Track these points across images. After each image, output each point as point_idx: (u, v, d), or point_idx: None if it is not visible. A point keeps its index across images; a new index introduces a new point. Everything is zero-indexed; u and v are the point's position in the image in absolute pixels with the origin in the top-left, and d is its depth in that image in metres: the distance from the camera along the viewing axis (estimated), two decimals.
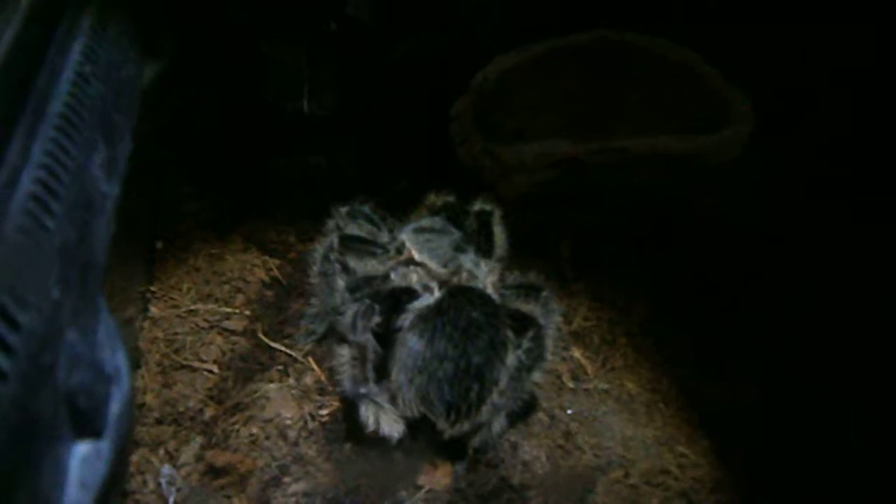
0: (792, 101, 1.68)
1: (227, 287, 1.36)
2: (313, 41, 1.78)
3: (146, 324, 1.28)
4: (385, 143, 1.69)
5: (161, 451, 1.12)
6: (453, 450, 1.15)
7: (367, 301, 1.07)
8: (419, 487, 1.11)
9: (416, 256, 1.19)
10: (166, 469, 1.08)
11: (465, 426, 1.09)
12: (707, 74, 1.71)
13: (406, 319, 1.10)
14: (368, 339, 1.06)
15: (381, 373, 1.11)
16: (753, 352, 1.32)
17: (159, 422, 1.15)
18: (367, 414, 1.07)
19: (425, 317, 1.09)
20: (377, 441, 1.15)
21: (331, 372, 1.24)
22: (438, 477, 1.13)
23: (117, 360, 0.69)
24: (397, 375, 1.08)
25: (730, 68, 1.66)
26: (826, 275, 1.41)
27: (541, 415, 1.23)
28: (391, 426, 1.07)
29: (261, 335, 1.29)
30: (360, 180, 1.59)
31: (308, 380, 1.23)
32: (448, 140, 1.66)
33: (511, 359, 1.10)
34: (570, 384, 1.29)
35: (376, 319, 1.07)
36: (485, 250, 1.26)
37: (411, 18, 1.84)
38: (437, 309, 1.09)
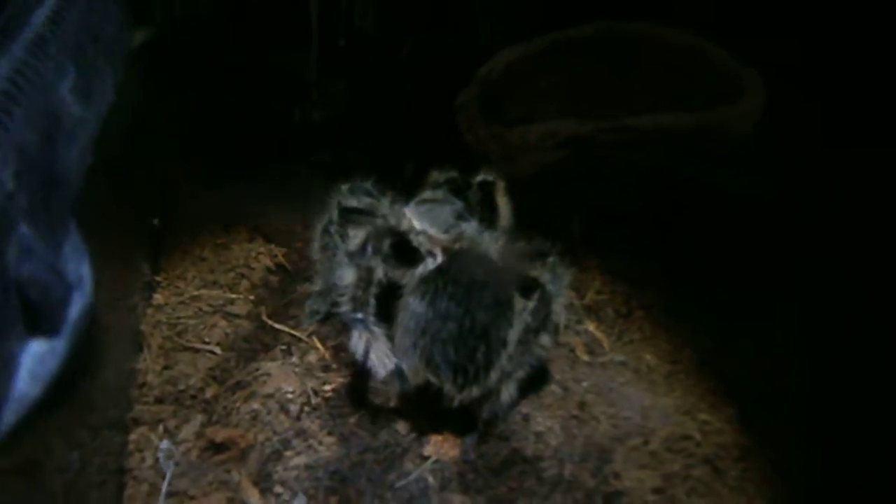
0: (802, 78, 1.64)
1: (231, 274, 1.35)
2: (321, 53, 1.81)
3: (150, 310, 1.27)
4: (392, 137, 1.68)
5: (160, 429, 1.08)
6: (462, 422, 1.10)
7: (381, 228, 1.04)
8: (426, 458, 1.06)
9: (417, 225, 1.16)
10: (164, 444, 1.05)
11: (474, 392, 1.04)
12: (715, 56, 1.69)
13: (408, 285, 1.07)
14: (378, 264, 1.03)
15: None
16: (771, 322, 1.26)
17: (159, 400, 1.12)
18: (358, 341, 1.03)
19: (427, 279, 1.05)
20: (382, 415, 1.11)
21: (336, 350, 1.21)
22: (446, 448, 1.07)
23: (81, 270, 0.68)
24: (401, 340, 1.04)
25: (738, 50, 1.64)
26: (840, 247, 1.35)
27: (553, 387, 1.18)
28: (380, 360, 1.02)
29: (264, 317, 1.27)
30: (367, 171, 1.58)
31: (312, 358, 1.19)
32: (455, 131, 1.65)
33: (518, 320, 1.06)
34: (585, 357, 1.24)
35: (387, 245, 1.04)
36: (488, 221, 1.23)
37: (414, 21, 1.85)
38: (439, 270, 1.06)
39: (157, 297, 1.29)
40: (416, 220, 1.17)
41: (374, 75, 1.81)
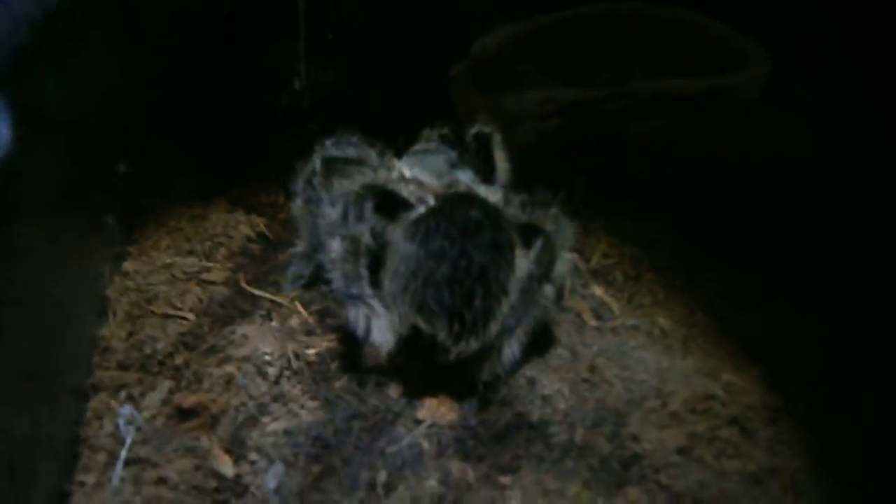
0: (808, 49, 1.57)
1: (208, 243, 1.25)
2: (311, 45, 1.74)
3: (118, 278, 1.16)
4: (383, 111, 1.60)
5: (122, 395, 0.97)
6: (461, 386, 0.99)
7: (360, 189, 0.94)
8: (420, 422, 0.95)
9: (408, 173, 1.06)
10: (126, 409, 0.93)
11: (472, 344, 0.93)
12: (717, 30, 1.63)
13: (398, 230, 0.97)
14: (363, 231, 0.93)
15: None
16: (790, 281, 1.16)
17: (123, 366, 1.01)
18: (356, 318, 0.93)
19: (419, 220, 0.95)
20: (372, 379, 1.00)
21: (321, 315, 1.11)
22: (443, 411, 0.96)
23: None
24: (390, 285, 0.93)
25: (742, 25, 1.58)
26: (855, 200, 1.26)
27: (560, 350, 1.07)
28: (383, 334, 0.92)
29: (243, 284, 1.16)
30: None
31: (294, 322, 1.09)
32: (448, 107, 1.57)
33: (519, 266, 0.96)
34: (593, 322, 1.13)
35: (369, 208, 0.94)
36: (485, 174, 1.13)
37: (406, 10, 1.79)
38: (432, 211, 0.96)
39: (127, 266, 1.19)
40: (406, 168, 1.08)
41: (365, 59, 1.74)
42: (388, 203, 0.98)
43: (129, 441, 0.89)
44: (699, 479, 0.87)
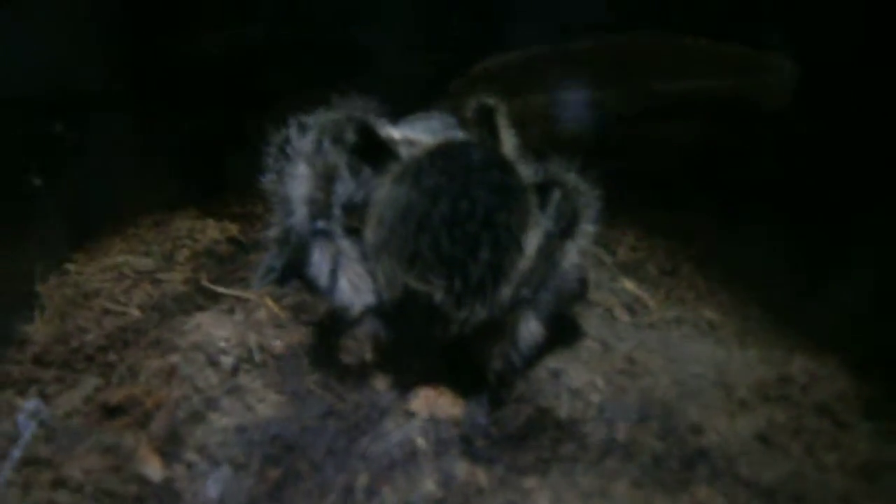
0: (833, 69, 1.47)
1: (168, 245, 1.07)
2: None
3: (55, 277, 0.98)
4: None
5: (32, 391, 0.76)
6: (465, 379, 0.78)
7: (338, 116, 0.77)
8: (412, 415, 0.73)
9: (397, 135, 0.90)
10: (32, 403, 0.72)
11: (478, 310, 0.73)
12: (738, 49, 1.53)
13: (383, 181, 0.79)
14: (340, 157, 0.75)
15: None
16: (844, 267, 0.97)
17: (39, 361, 0.80)
18: (321, 260, 0.73)
19: (409, 162, 0.78)
20: (353, 373, 0.79)
21: (294, 311, 0.91)
22: (442, 404, 0.74)
23: None
24: (373, 237, 0.75)
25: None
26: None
27: (589, 342, 0.86)
28: (353, 284, 0.72)
29: (204, 282, 0.97)
30: None
31: (261, 315, 0.88)
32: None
33: (535, 227, 0.77)
34: (625, 318, 0.93)
35: (349, 139, 0.77)
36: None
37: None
38: (425, 152, 0.79)
39: (69, 266, 1.00)
40: (399, 132, 0.91)
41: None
42: (372, 148, 0.80)
43: (25, 437, 0.67)
44: (791, 470, 0.64)
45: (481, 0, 1.62)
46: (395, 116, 1.02)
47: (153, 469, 0.66)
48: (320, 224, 0.75)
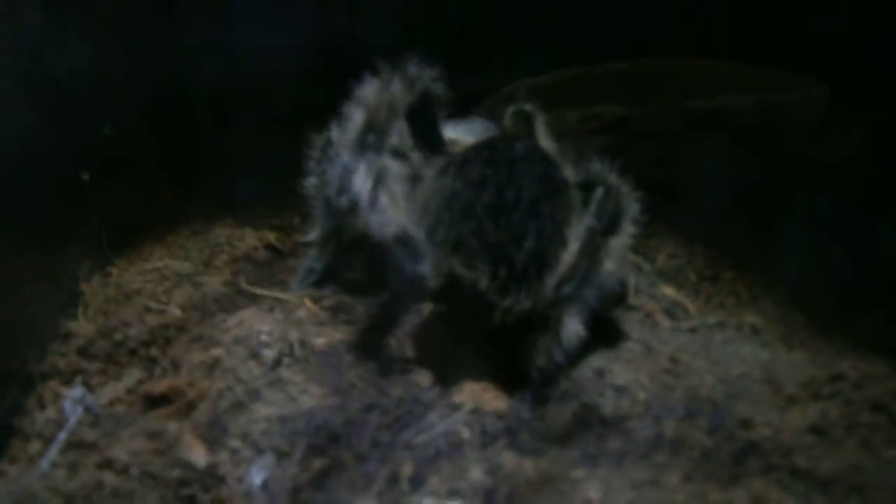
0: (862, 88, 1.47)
1: (207, 252, 1.08)
2: None
3: (98, 277, 0.99)
4: None
5: (77, 381, 0.76)
6: (509, 375, 0.77)
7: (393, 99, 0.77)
8: (458, 407, 0.72)
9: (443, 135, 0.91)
10: (77, 391, 0.73)
11: (523, 300, 0.73)
12: (771, 72, 1.53)
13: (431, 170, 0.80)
14: (404, 99, 0.75)
15: None
16: (886, 275, 0.96)
17: (84, 353, 0.81)
18: (366, 175, 0.71)
19: (454, 156, 0.79)
20: (396, 367, 0.79)
21: (333, 311, 0.91)
22: (488, 398, 0.74)
23: None
24: (418, 223, 0.75)
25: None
26: None
27: (632, 344, 0.85)
28: (393, 206, 0.71)
29: (243, 285, 0.98)
30: None
31: (301, 314, 0.89)
32: None
33: (577, 216, 0.77)
34: (666, 323, 0.92)
35: (421, 87, 0.76)
36: None
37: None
38: (471, 146, 0.80)
39: (111, 269, 1.02)
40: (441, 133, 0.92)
41: None
42: (426, 127, 0.81)
43: (71, 422, 0.68)
44: (849, 462, 0.62)
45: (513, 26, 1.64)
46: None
47: (197, 454, 0.65)
48: (372, 138, 0.74)
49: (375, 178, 0.71)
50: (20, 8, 0.99)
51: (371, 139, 0.73)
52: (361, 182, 0.72)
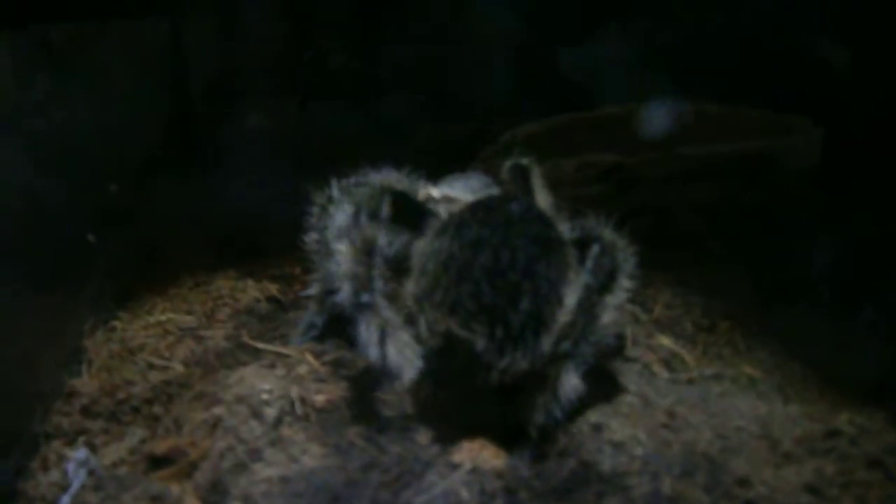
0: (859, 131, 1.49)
1: (210, 304, 1.09)
2: None
3: (100, 331, 1.00)
4: None
5: (80, 442, 0.77)
6: (508, 432, 0.78)
7: (374, 189, 0.80)
8: (456, 466, 0.72)
9: (437, 193, 0.93)
10: (80, 453, 0.73)
11: (519, 360, 0.74)
12: (764, 115, 1.56)
13: (422, 240, 0.82)
14: (378, 231, 0.77)
15: None
16: (883, 324, 0.98)
17: (88, 412, 0.82)
18: (369, 335, 0.74)
19: (449, 217, 0.81)
20: (396, 425, 0.80)
21: (334, 366, 0.92)
22: (486, 456, 0.74)
23: None
24: (415, 288, 0.76)
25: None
26: None
27: (630, 398, 0.86)
28: (403, 354, 0.73)
29: (245, 339, 0.99)
30: None
31: (302, 370, 0.89)
32: None
33: (574, 281, 0.79)
34: (664, 374, 0.93)
35: (386, 210, 0.79)
36: None
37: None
38: (466, 207, 0.82)
39: (115, 324, 1.03)
40: (436, 190, 0.95)
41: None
42: (410, 212, 0.83)
43: (75, 486, 0.68)
44: None
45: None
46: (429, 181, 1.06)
47: None
48: (365, 298, 0.77)
49: (379, 332, 0.75)
50: (27, 67, 1.03)
51: (363, 295, 0.77)
52: (366, 337, 0.75)
